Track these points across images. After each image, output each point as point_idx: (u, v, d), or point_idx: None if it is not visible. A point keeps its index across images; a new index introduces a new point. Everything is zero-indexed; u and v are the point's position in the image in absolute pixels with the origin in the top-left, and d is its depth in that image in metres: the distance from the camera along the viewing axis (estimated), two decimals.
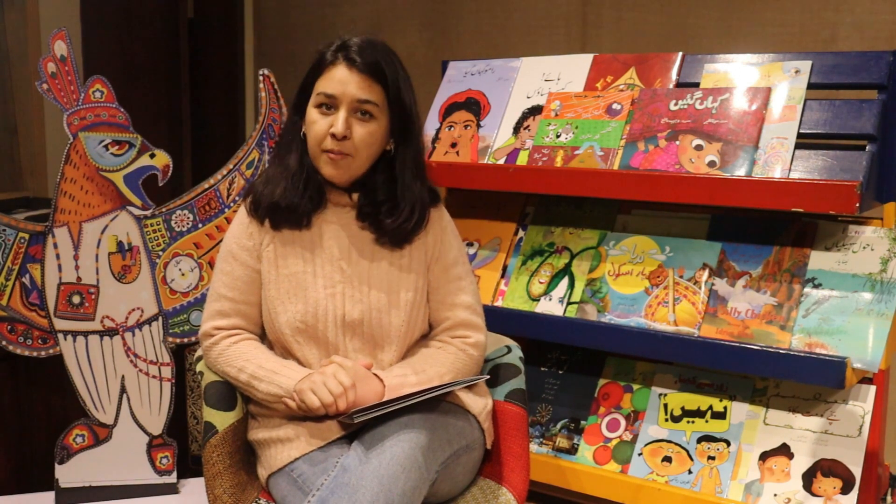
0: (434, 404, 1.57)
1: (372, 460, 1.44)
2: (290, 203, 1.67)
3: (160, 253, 2.24)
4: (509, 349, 1.84)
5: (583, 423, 2.07)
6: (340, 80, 1.62)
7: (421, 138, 1.73)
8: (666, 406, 1.99)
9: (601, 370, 2.12)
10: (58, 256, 2.17)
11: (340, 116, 1.62)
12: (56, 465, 2.19)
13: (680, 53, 2.07)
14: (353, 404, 1.54)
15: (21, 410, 2.41)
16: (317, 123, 1.64)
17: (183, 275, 2.26)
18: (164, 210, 2.24)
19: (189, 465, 2.51)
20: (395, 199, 1.68)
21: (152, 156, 2.21)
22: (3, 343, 2.16)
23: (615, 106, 2.06)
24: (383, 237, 1.70)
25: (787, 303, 1.82)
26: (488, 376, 1.76)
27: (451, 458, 1.56)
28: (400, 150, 1.70)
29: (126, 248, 2.22)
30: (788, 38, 2.51)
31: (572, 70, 2.19)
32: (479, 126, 2.26)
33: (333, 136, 1.62)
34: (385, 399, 1.53)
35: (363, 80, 1.63)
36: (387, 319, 1.68)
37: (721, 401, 1.93)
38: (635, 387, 2.05)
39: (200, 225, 2.27)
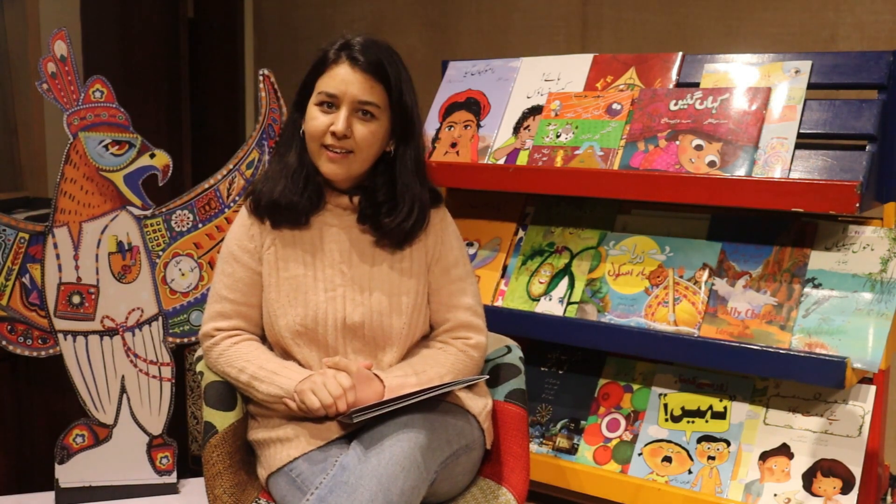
0: (434, 404, 1.57)
1: (371, 459, 1.44)
2: (289, 201, 1.66)
3: (160, 253, 2.24)
4: (509, 349, 1.84)
5: (583, 423, 2.07)
6: (343, 79, 1.62)
7: (422, 139, 1.73)
8: (666, 406, 1.99)
9: (601, 370, 2.12)
10: (58, 256, 2.17)
11: (342, 115, 1.61)
12: (56, 465, 2.19)
13: (680, 53, 2.07)
14: (353, 405, 1.54)
15: (21, 410, 2.41)
16: (316, 120, 1.63)
17: (183, 275, 2.26)
18: (164, 210, 2.24)
19: (189, 465, 2.51)
20: (394, 199, 1.68)
21: (152, 156, 2.21)
22: (3, 343, 2.16)
23: (615, 106, 2.06)
24: (383, 238, 1.70)
25: (787, 303, 1.82)
26: (488, 376, 1.76)
27: (450, 458, 1.56)
28: (400, 151, 1.69)
29: (126, 248, 2.22)
30: (788, 38, 2.51)
31: (572, 70, 2.19)
32: (479, 126, 2.26)
33: (334, 134, 1.62)
34: (385, 399, 1.53)
35: (365, 81, 1.62)
36: (388, 322, 1.67)
37: (721, 401, 1.93)
38: (635, 387, 2.05)
39: (200, 225, 2.27)
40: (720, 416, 1.92)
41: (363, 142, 1.63)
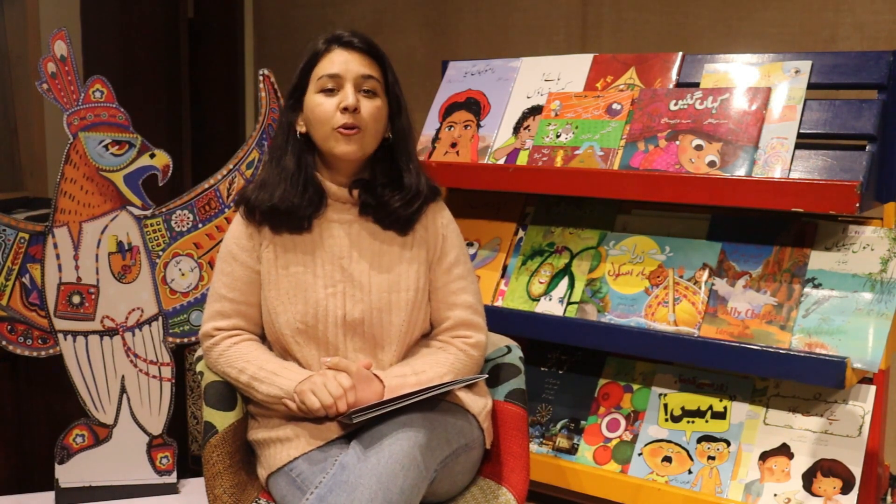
0: (433, 404, 1.57)
1: (370, 458, 1.44)
2: (289, 205, 1.66)
3: (160, 253, 2.24)
4: (509, 349, 1.84)
5: (583, 423, 2.07)
6: (341, 60, 1.66)
7: (412, 129, 1.76)
8: (666, 406, 1.99)
9: (601, 370, 2.12)
10: (58, 256, 2.17)
11: (349, 90, 1.64)
12: (56, 465, 2.19)
13: (680, 53, 2.07)
14: (353, 406, 1.54)
15: (21, 410, 2.41)
16: (322, 105, 1.65)
17: (183, 275, 2.26)
18: (164, 210, 2.24)
19: (189, 465, 2.51)
20: (398, 179, 1.70)
21: (152, 156, 2.21)
22: (3, 343, 2.16)
23: (615, 106, 2.06)
24: (388, 220, 1.70)
25: (787, 303, 1.82)
26: (487, 375, 1.76)
27: (450, 457, 1.56)
28: (396, 136, 1.72)
29: (126, 248, 2.22)
30: (788, 38, 2.51)
31: (572, 70, 2.19)
32: (479, 126, 2.26)
33: (345, 109, 1.63)
34: (384, 399, 1.53)
35: (363, 58, 1.67)
36: (387, 319, 1.68)
37: (721, 401, 1.93)
38: (635, 387, 2.05)
39: (200, 225, 2.27)
40: (720, 416, 1.92)
41: (370, 117, 1.66)
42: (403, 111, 1.73)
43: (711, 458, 1.89)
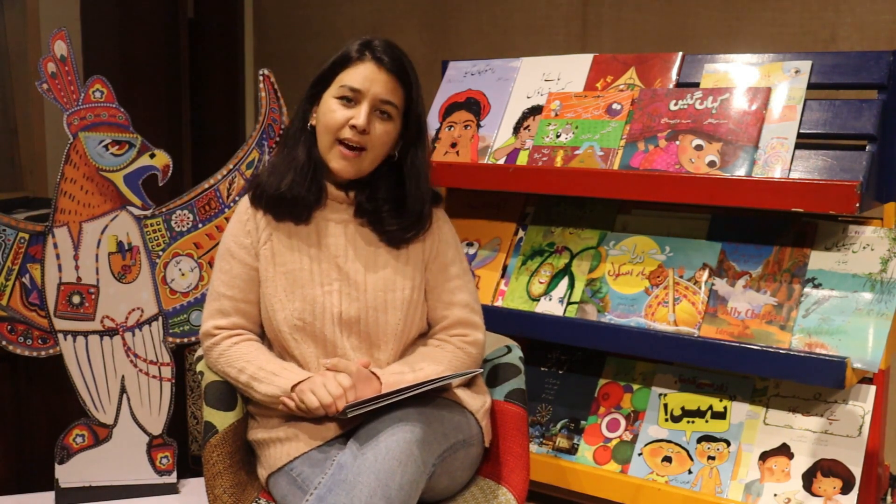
0: (430, 400, 1.57)
1: (367, 455, 1.43)
2: (295, 195, 1.67)
3: (160, 253, 2.24)
4: (509, 349, 1.84)
5: (583, 423, 2.07)
6: (367, 76, 1.64)
7: (429, 145, 1.75)
8: (666, 406, 1.99)
9: (601, 370, 2.12)
10: (58, 256, 2.17)
11: (363, 110, 1.63)
12: (56, 465, 2.19)
13: (680, 53, 2.07)
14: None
15: (21, 410, 2.41)
16: (335, 112, 1.64)
17: (183, 275, 2.26)
18: (164, 210, 2.24)
19: (189, 465, 2.50)
20: (401, 202, 1.69)
21: (152, 156, 2.21)
22: (3, 343, 2.16)
23: (615, 106, 2.06)
24: (382, 236, 1.70)
25: (787, 303, 1.82)
26: (481, 370, 1.76)
27: (448, 452, 1.55)
28: (410, 156, 1.70)
29: (126, 248, 2.22)
30: (788, 38, 2.51)
31: (572, 70, 2.19)
32: (479, 126, 2.26)
33: (353, 127, 1.62)
34: (379, 394, 1.53)
35: (389, 81, 1.64)
36: (383, 318, 1.68)
37: (721, 401, 1.93)
38: (635, 387, 2.05)
39: (200, 225, 2.27)
40: (720, 416, 1.92)
41: (378, 140, 1.65)
42: (423, 135, 1.71)
43: (711, 458, 1.89)
